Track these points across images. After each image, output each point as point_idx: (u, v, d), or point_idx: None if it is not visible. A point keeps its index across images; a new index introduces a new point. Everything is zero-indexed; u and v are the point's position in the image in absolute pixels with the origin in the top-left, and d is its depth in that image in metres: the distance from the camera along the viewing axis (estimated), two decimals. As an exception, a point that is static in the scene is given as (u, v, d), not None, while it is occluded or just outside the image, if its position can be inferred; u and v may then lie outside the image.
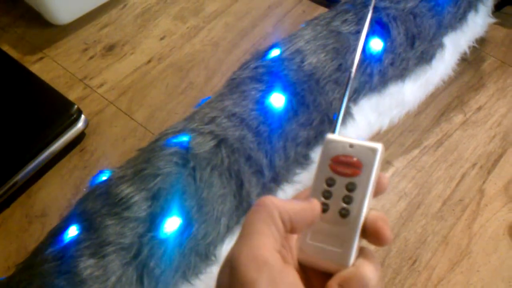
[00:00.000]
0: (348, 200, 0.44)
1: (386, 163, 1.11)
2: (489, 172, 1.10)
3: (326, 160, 0.46)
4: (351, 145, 0.45)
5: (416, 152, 1.13)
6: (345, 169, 0.45)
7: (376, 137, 1.11)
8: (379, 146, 0.45)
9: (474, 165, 1.11)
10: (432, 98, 1.19)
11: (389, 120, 1.05)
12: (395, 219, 1.04)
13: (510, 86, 1.23)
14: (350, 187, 0.44)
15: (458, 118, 1.18)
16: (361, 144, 0.45)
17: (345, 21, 0.99)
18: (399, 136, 1.15)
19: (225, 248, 0.85)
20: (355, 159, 0.45)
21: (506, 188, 1.08)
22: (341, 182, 0.44)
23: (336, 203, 0.44)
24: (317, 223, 0.44)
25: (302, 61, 0.93)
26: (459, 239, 1.02)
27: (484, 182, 1.09)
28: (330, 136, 0.47)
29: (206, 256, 0.82)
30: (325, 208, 0.44)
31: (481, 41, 1.26)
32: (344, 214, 0.43)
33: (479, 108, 1.19)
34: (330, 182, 0.45)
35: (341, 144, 0.46)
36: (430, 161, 1.12)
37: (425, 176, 1.09)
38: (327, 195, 0.44)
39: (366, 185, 0.44)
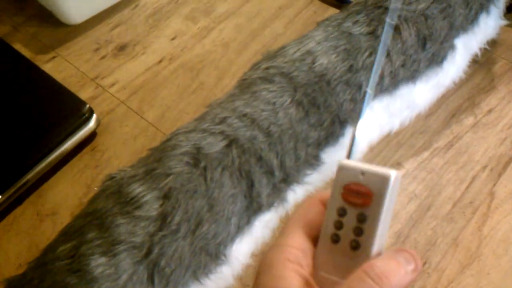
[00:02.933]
0: (358, 232, 0.41)
1: (397, 165, 1.11)
2: (499, 175, 1.10)
3: (339, 188, 0.43)
4: (363, 172, 0.43)
5: (426, 154, 1.13)
6: (356, 199, 0.42)
7: (386, 139, 1.11)
8: (392, 174, 0.41)
9: (484, 167, 1.11)
10: (442, 100, 1.19)
11: (400, 122, 1.05)
12: (405, 221, 1.04)
13: (521, 88, 1.23)
14: (361, 218, 0.42)
15: (469, 120, 1.18)
16: (373, 171, 0.42)
17: (356, 22, 0.99)
18: (409, 138, 1.15)
19: (235, 248, 0.85)
20: (365, 188, 0.42)
21: (516, 191, 1.08)
22: (352, 213, 0.42)
23: (347, 235, 0.42)
24: (329, 255, 0.42)
25: (313, 62, 0.93)
26: (469, 241, 1.02)
27: (494, 185, 1.09)
28: (343, 162, 0.45)
29: (216, 256, 0.83)
30: (335, 239, 0.42)
31: (492, 43, 1.26)
32: (354, 246, 0.41)
33: (490, 111, 1.19)
34: (342, 212, 0.43)
35: (353, 171, 0.43)
36: (441, 163, 1.11)
37: (435, 178, 1.09)
38: (338, 225, 0.43)
39: (377, 216, 0.41)
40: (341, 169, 0.44)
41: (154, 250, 0.76)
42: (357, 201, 0.42)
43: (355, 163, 0.44)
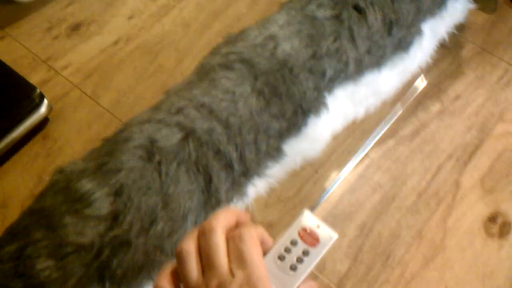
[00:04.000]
0: (300, 260, 0.56)
1: (361, 154, 1.08)
2: (465, 164, 1.08)
3: (297, 227, 0.58)
4: (318, 226, 0.58)
5: (392, 142, 1.10)
6: (307, 239, 0.58)
7: (351, 127, 1.08)
8: (335, 236, 0.57)
9: (450, 156, 1.09)
10: (409, 86, 1.16)
11: (365, 110, 1.02)
12: (369, 212, 1.01)
13: (489, 74, 1.21)
14: (305, 252, 0.56)
15: (436, 107, 1.15)
16: (325, 228, 0.58)
17: (320, 5, 0.94)
18: (375, 126, 1.12)
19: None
20: (316, 236, 0.58)
21: (482, 181, 1.06)
22: (300, 246, 0.57)
23: (291, 259, 0.56)
24: (272, 263, 0.55)
25: (275, 48, 0.89)
26: (433, 234, 1.00)
27: (460, 175, 1.07)
28: (307, 212, 0.59)
29: (172, 255, 0.79)
30: (281, 258, 0.56)
31: (460, 27, 1.23)
32: (293, 268, 0.55)
33: (457, 97, 1.17)
34: (293, 243, 0.57)
35: (313, 221, 0.58)
36: (406, 152, 1.09)
37: (400, 167, 1.07)
38: (287, 250, 0.56)
39: (316, 256, 0.56)
40: (306, 216, 0.59)
41: (104, 251, 0.72)
42: (308, 240, 0.57)
43: (314, 216, 0.59)
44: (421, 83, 1.11)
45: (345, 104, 0.96)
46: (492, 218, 1.03)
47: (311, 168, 1.06)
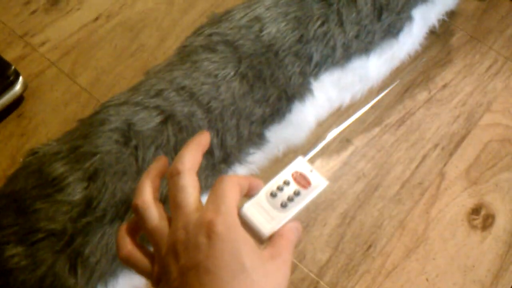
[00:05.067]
0: (291, 199, 0.59)
1: (346, 141, 1.06)
2: (451, 154, 1.06)
3: (291, 170, 0.62)
4: (311, 170, 0.62)
5: (377, 130, 1.08)
6: (300, 181, 0.62)
7: (336, 113, 1.05)
8: (326, 182, 0.61)
9: (436, 146, 1.07)
10: (396, 72, 1.13)
11: (351, 96, 1.00)
12: (352, 201, 0.99)
13: (478, 63, 1.18)
14: (296, 192, 0.60)
15: (423, 95, 1.13)
16: (317, 174, 0.62)
17: (309, -14, 0.91)
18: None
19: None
20: (308, 179, 0.62)
21: (467, 172, 1.04)
22: (292, 186, 0.61)
23: (282, 196, 0.60)
24: (263, 199, 0.60)
25: (260, 30, 0.86)
26: (416, 224, 0.98)
27: (445, 165, 1.05)
28: (301, 157, 0.63)
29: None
30: (274, 195, 0.60)
31: (451, 14, 1.21)
32: (283, 205, 0.59)
33: (445, 86, 1.14)
34: (286, 182, 0.61)
35: (306, 167, 0.62)
36: (391, 140, 1.07)
37: (384, 156, 1.05)
38: (280, 188, 0.60)
39: (306, 197, 0.59)
40: (300, 161, 0.63)
41: (76, 238, 0.69)
42: (300, 182, 0.61)
43: (308, 164, 0.63)
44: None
45: (331, 90, 0.93)
46: (475, 210, 1.01)
47: (294, 155, 1.03)
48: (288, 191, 0.62)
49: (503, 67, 1.19)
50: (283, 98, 0.86)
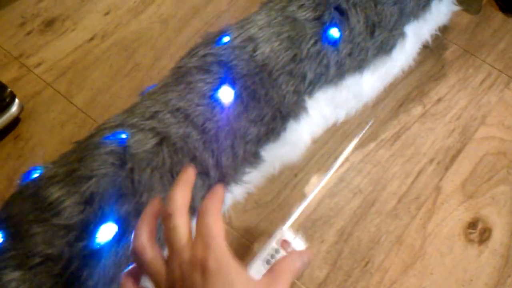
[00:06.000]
0: None
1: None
2: (446, 169, 1.06)
3: (279, 239, 0.85)
4: (294, 238, 0.85)
5: (372, 145, 1.08)
6: (286, 248, 0.84)
7: (332, 130, 1.06)
8: (304, 246, 0.86)
9: (431, 160, 1.07)
10: (391, 87, 1.14)
11: (346, 113, 1.00)
12: (348, 217, 1.00)
13: (472, 76, 1.19)
14: None
15: (417, 110, 1.13)
16: (299, 240, 0.85)
17: (301, 6, 0.92)
18: (355, 128, 1.10)
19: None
20: (292, 246, 0.85)
21: (463, 186, 1.05)
22: (282, 253, 0.83)
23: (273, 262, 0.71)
24: (261, 266, 0.84)
25: (254, 50, 0.86)
26: (413, 239, 0.99)
27: (441, 179, 1.05)
28: (285, 228, 0.87)
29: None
30: (268, 262, 0.83)
31: (444, 28, 1.21)
32: None
33: (439, 100, 1.15)
34: (277, 251, 0.84)
35: (290, 235, 0.85)
36: (387, 155, 1.07)
37: (380, 171, 1.05)
38: (272, 256, 0.83)
39: None
40: (284, 232, 0.86)
41: (73, 262, 0.69)
42: (286, 249, 0.84)
43: (292, 233, 0.86)
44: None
45: (325, 108, 0.94)
46: (472, 224, 1.02)
47: (290, 172, 1.04)
48: (278, 257, 0.80)
49: (496, 80, 1.19)
50: (277, 117, 0.86)
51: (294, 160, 0.93)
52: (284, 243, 0.86)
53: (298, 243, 0.86)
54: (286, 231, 0.88)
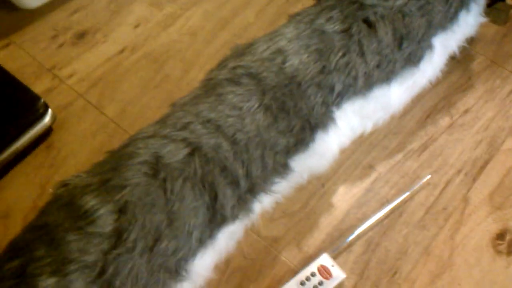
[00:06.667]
0: (316, 287, 0.89)
1: (369, 168, 1.07)
2: (474, 180, 1.06)
3: (317, 264, 0.92)
4: (333, 265, 0.91)
5: (399, 156, 1.08)
6: (323, 273, 0.90)
7: (359, 140, 1.06)
8: (344, 275, 0.91)
9: (459, 171, 1.07)
10: (418, 98, 1.14)
11: (373, 123, 1.01)
12: (376, 227, 1.00)
13: (499, 87, 1.19)
14: (320, 283, 0.89)
15: (445, 121, 1.14)
16: (337, 268, 0.91)
17: (330, 18, 0.93)
18: (383, 139, 1.10)
19: (196, 263, 0.80)
20: (330, 272, 0.91)
21: (491, 197, 1.04)
22: (318, 278, 0.90)
23: (309, 286, 0.89)
24: (294, 286, 0.89)
25: (283, 62, 0.88)
26: (441, 250, 0.98)
27: (468, 190, 1.05)
28: (326, 255, 0.93)
29: (176, 272, 0.77)
30: (303, 283, 0.89)
31: (471, 39, 1.21)
32: None
33: (467, 111, 1.15)
34: (313, 274, 0.90)
35: (329, 261, 0.92)
36: (414, 166, 1.07)
37: (408, 182, 1.05)
38: (308, 279, 0.90)
39: (328, 286, 0.89)
40: (324, 257, 0.93)
41: (108, 269, 0.70)
42: (324, 275, 0.90)
43: (331, 259, 0.92)
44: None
45: (353, 119, 0.95)
46: (500, 235, 1.01)
47: (317, 181, 1.05)
48: (314, 281, 0.90)
49: (524, 91, 1.19)
50: (306, 128, 0.87)
51: (322, 170, 0.94)
52: (322, 268, 0.92)
53: (336, 271, 0.92)
54: (326, 257, 0.94)
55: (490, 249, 0.99)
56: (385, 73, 0.95)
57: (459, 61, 1.22)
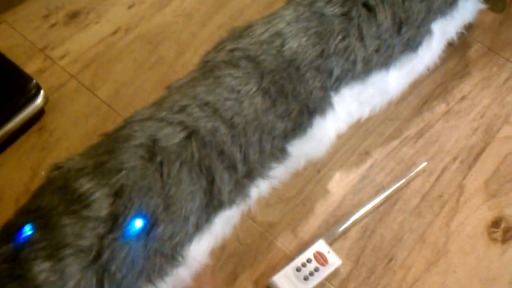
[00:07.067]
0: (312, 273, 0.88)
1: (365, 154, 1.06)
2: (470, 167, 1.06)
3: (313, 250, 0.91)
4: (329, 251, 0.91)
5: (396, 142, 1.08)
6: (319, 260, 0.90)
7: (355, 126, 1.05)
8: (339, 262, 0.91)
9: (455, 158, 1.07)
10: (415, 85, 1.13)
11: (370, 109, 1.00)
12: (371, 214, 1.00)
13: (496, 75, 1.19)
14: (316, 269, 0.89)
15: (441, 107, 1.13)
16: (333, 254, 0.91)
17: (329, 1, 0.92)
18: (379, 125, 1.10)
19: (193, 248, 0.79)
20: (326, 258, 0.90)
21: (486, 185, 1.04)
22: (313, 264, 0.90)
23: (305, 271, 0.88)
24: (290, 272, 0.88)
25: (282, 45, 0.86)
26: (436, 237, 0.98)
27: (464, 177, 1.05)
28: (322, 240, 0.93)
29: (172, 257, 0.76)
30: (299, 269, 0.89)
31: (468, 26, 1.21)
32: (306, 278, 0.88)
33: (463, 98, 1.15)
34: (309, 261, 0.90)
35: (325, 248, 0.91)
36: (410, 153, 1.07)
37: (404, 169, 1.05)
38: (304, 265, 0.89)
39: (323, 273, 0.89)
40: (320, 243, 0.92)
41: (103, 254, 0.69)
42: (319, 261, 0.90)
43: (327, 245, 0.92)
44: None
45: (351, 104, 0.94)
46: (495, 223, 1.01)
47: (313, 168, 1.04)
48: (310, 267, 0.89)
49: (520, 79, 1.19)
50: (304, 112, 0.86)
51: (319, 156, 0.93)
52: (318, 255, 0.91)
53: (332, 257, 0.91)
54: (322, 243, 0.93)
55: (485, 237, 1.00)
56: (384, 58, 0.94)
57: (456, 48, 1.21)
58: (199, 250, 0.80)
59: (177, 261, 0.77)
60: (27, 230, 0.71)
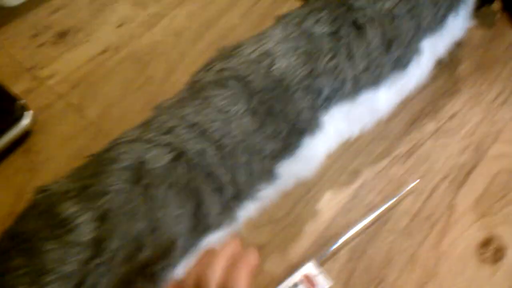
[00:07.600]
0: None
1: (354, 173, 1.05)
2: (460, 186, 1.05)
3: (302, 273, 0.89)
4: (317, 275, 0.88)
5: (385, 162, 1.07)
6: (308, 283, 0.88)
7: (345, 145, 1.04)
8: (329, 285, 0.89)
9: (445, 177, 1.06)
10: (404, 103, 1.13)
11: (360, 128, 0.99)
12: (361, 234, 0.99)
13: (485, 92, 1.18)
14: None
15: (431, 126, 1.12)
16: (322, 277, 0.88)
17: (318, 20, 0.91)
18: (368, 144, 1.09)
19: (179, 272, 0.78)
20: (315, 282, 0.88)
21: (476, 204, 1.04)
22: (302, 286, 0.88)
23: None
24: None
25: (271, 65, 0.86)
26: (426, 259, 0.97)
27: (454, 197, 1.04)
28: (311, 263, 0.91)
29: (159, 281, 0.75)
30: None
31: (458, 43, 1.20)
32: None
33: (453, 116, 1.14)
34: (296, 284, 0.88)
35: (313, 271, 0.89)
36: (400, 172, 1.06)
37: (394, 188, 1.04)
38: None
39: None
40: (309, 266, 0.90)
41: (87, 280, 0.68)
42: (307, 284, 0.88)
43: (316, 267, 0.89)
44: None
45: (341, 123, 0.93)
46: (485, 243, 1.00)
47: (303, 187, 1.03)
48: None
49: (510, 96, 1.18)
50: (293, 132, 0.85)
51: (309, 176, 0.92)
52: (306, 278, 0.89)
53: (321, 280, 0.89)
54: (311, 266, 0.91)
55: (475, 257, 0.98)
56: (373, 76, 0.93)
57: (446, 65, 1.21)
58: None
59: (162, 286, 0.76)
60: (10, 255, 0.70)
